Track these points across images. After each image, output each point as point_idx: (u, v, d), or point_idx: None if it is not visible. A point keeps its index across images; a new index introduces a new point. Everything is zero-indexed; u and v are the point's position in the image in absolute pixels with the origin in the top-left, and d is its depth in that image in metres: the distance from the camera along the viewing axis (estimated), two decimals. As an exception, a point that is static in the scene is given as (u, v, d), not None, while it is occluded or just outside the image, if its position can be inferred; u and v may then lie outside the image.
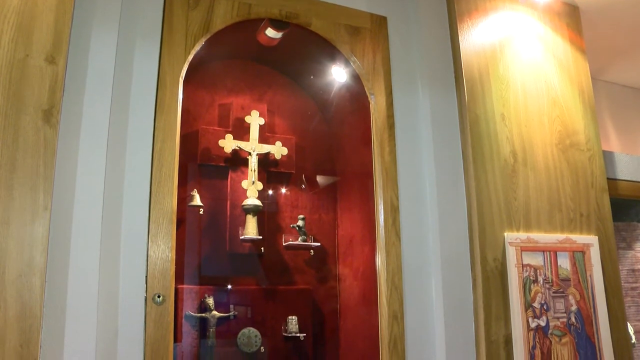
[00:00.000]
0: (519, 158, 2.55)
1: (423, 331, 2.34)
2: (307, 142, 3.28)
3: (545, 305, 2.38)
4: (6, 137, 1.69)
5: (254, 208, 2.90)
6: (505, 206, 2.45)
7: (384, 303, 2.31)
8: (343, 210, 3.19)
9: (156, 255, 1.93)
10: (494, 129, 2.54)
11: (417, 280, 2.38)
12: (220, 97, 3.14)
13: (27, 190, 1.68)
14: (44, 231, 1.68)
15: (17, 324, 1.61)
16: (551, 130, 2.67)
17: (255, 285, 3.02)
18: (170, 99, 2.11)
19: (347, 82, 3.01)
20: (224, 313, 2.84)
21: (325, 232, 3.20)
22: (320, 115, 3.38)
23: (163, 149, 2.03)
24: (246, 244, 2.96)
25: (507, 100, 2.61)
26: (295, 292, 3.08)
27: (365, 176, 2.59)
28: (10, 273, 1.63)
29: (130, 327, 1.88)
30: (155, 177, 2.00)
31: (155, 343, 1.89)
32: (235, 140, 3.01)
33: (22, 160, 1.69)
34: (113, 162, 1.94)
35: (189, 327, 2.78)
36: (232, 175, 3.02)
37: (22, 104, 1.73)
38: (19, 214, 1.66)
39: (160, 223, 1.96)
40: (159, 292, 1.92)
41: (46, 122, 1.74)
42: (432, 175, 2.47)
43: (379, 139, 2.48)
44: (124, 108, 2.02)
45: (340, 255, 3.18)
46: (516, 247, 2.39)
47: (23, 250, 1.65)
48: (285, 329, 2.97)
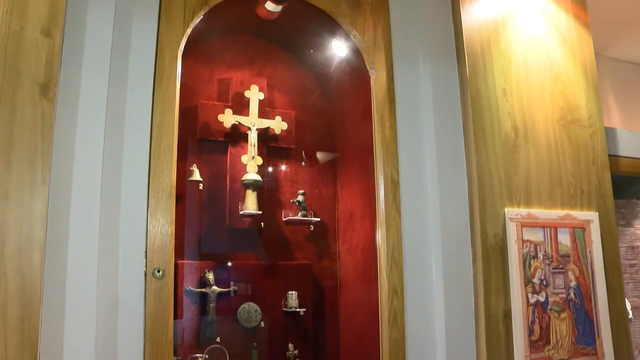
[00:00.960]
0: (520, 133, 2.53)
1: (423, 305, 2.35)
2: (307, 116, 3.26)
3: (545, 281, 2.39)
4: (3, 111, 1.67)
5: (253, 183, 2.90)
6: (506, 182, 2.44)
7: (384, 277, 2.32)
8: (343, 185, 3.19)
9: (155, 230, 1.93)
10: (495, 104, 2.51)
11: (417, 255, 2.38)
12: (220, 72, 3.11)
13: (25, 165, 1.67)
14: (42, 206, 1.68)
15: (17, 298, 1.62)
16: (553, 105, 2.65)
17: (255, 261, 3.03)
18: (168, 73, 2.09)
19: (347, 56, 2.99)
20: (224, 288, 2.86)
21: (326, 207, 3.20)
22: (320, 90, 3.36)
23: (162, 123, 2.02)
24: (246, 219, 2.97)
25: (509, 75, 2.59)
26: (295, 268, 3.09)
27: (365, 151, 2.58)
28: (10, 248, 1.63)
29: (130, 301, 1.88)
30: (155, 151, 1.98)
31: (156, 317, 1.89)
32: (234, 115, 2.99)
33: (19, 135, 1.68)
34: (111, 136, 1.92)
35: (189, 302, 2.79)
36: (232, 150, 3.01)
37: (18, 77, 1.71)
38: (17, 189, 1.65)
39: (159, 197, 1.95)
40: (159, 267, 1.92)
41: (43, 96, 1.73)
42: (432, 150, 2.46)
43: (380, 114, 2.46)
44: (122, 81, 2.00)
45: (340, 230, 3.19)
46: (516, 223, 2.38)
47: (22, 225, 1.65)
48: (285, 304, 2.98)
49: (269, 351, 2.95)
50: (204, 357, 2.73)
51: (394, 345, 2.26)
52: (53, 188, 1.74)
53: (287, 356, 2.96)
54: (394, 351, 2.25)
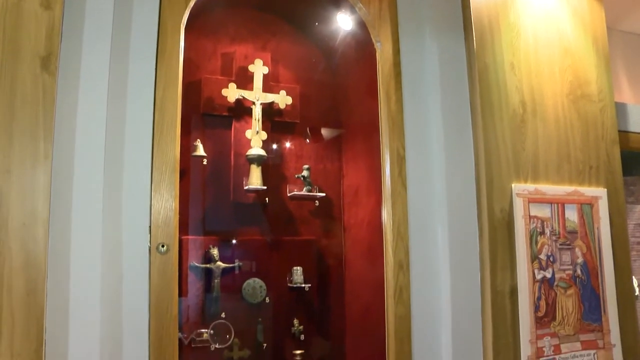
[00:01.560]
0: (528, 108, 2.50)
1: (429, 281, 2.35)
2: (312, 91, 3.24)
3: (552, 257, 2.38)
4: (4, 85, 1.66)
5: (258, 158, 2.89)
6: (514, 157, 2.42)
7: (389, 253, 2.31)
8: (348, 160, 3.18)
9: (159, 205, 1.93)
10: (503, 79, 2.48)
11: (423, 230, 2.38)
12: (223, 46, 3.09)
13: (27, 139, 1.66)
14: (45, 180, 1.67)
15: (22, 272, 1.62)
16: (562, 80, 2.62)
17: (260, 236, 3.03)
18: (171, 46, 2.07)
19: (352, 30, 2.96)
20: (228, 264, 2.87)
21: (331, 183, 3.20)
22: (325, 64, 3.33)
23: (165, 97, 2.00)
24: (250, 195, 2.96)
25: (517, 49, 2.55)
26: (300, 243, 3.10)
27: (371, 126, 2.57)
28: (14, 222, 1.63)
29: (135, 276, 1.89)
30: (158, 126, 1.97)
31: (160, 292, 1.90)
32: (238, 89, 2.97)
33: (21, 109, 1.67)
34: (114, 110, 1.91)
35: (193, 278, 2.81)
36: (236, 125, 2.99)
37: (18, 51, 1.69)
38: (19, 163, 1.64)
39: (163, 172, 1.95)
40: (163, 242, 1.92)
41: (44, 70, 1.71)
42: (439, 124, 2.43)
43: (385, 88, 2.44)
44: (124, 55, 1.98)
45: (345, 205, 3.18)
46: (523, 199, 2.37)
47: (25, 199, 1.64)
48: (290, 280, 3.00)
49: (274, 327, 2.97)
50: (209, 333, 2.75)
51: (399, 321, 2.26)
52: (56, 162, 1.73)
53: (292, 332, 2.98)
54: (400, 326, 2.26)
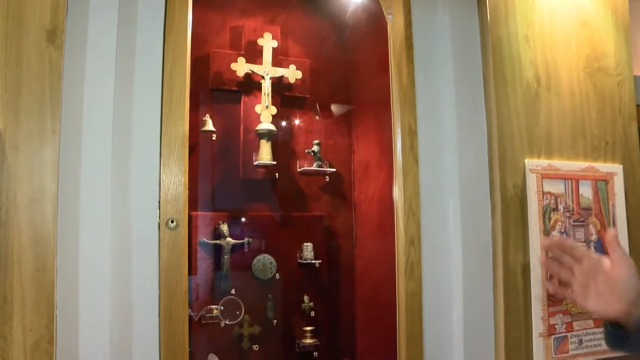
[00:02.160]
0: (542, 82, 2.46)
1: (440, 257, 2.34)
2: (322, 65, 3.21)
3: (565, 234, 2.36)
4: (9, 60, 1.64)
5: (267, 133, 2.88)
6: (527, 132, 2.38)
7: (400, 228, 2.30)
8: (359, 135, 3.16)
9: (169, 180, 1.92)
10: (517, 51, 2.44)
11: (435, 205, 2.36)
12: (232, 19, 3.06)
13: (34, 114, 1.65)
14: (53, 156, 1.67)
15: (32, 249, 1.63)
16: (578, 53, 2.56)
17: (270, 212, 3.03)
18: (179, 20, 2.04)
19: (363, 2, 2.91)
20: (238, 240, 2.87)
21: (341, 158, 3.18)
22: (335, 38, 3.29)
23: (173, 71, 1.98)
24: (260, 170, 2.96)
25: (532, 21, 2.49)
26: (310, 219, 3.10)
27: (382, 100, 2.54)
28: (22, 199, 1.63)
29: (144, 252, 1.89)
30: (166, 100, 1.95)
31: (170, 268, 1.90)
32: (247, 63, 2.95)
33: (27, 84, 1.65)
34: (122, 84, 1.89)
35: (203, 254, 2.82)
36: (245, 100, 2.98)
37: (23, 25, 1.67)
38: (27, 139, 1.64)
39: (172, 147, 1.93)
40: (172, 217, 1.92)
41: (50, 43, 1.70)
42: (451, 98, 2.40)
43: (397, 61, 2.40)
44: (131, 28, 1.96)
45: (356, 180, 3.17)
46: (537, 174, 2.35)
47: (33, 176, 1.64)
48: (300, 256, 3.00)
49: (284, 303, 2.98)
50: (219, 309, 2.77)
51: (410, 297, 2.26)
52: (63, 137, 1.72)
53: (302, 308, 2.99)
54: (411, 303, 2.26)
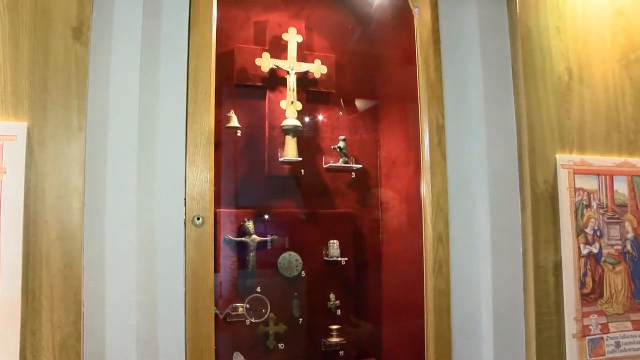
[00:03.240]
0: (574, 75, 2.42)
1: (469, 254, 2.32)
2: (348, 60, 3.20)
3: (599, 232, 2.32)
4: (36, 57, 1.67)
5: (293, 129, 2.88)
6: (558, 126, 2.35)
7: (428, 225, 2.29)
8: (385, 130, 3.15)
9: (194, 177, 1.93)
10: (547, 44, 2.40)
11: (464, 202, 2.34)
12: (256, 14, 3.06)
13: (60, 111, 1.68)
14: (79, 152, 1.69)
15: (59, 244, 1.66)
16: (613, 44, 2.51)
17: (296, 209, 3.04)
18: (204, 15, 2.05)
19: (389, -5, 2.90)
20: (263, 237, 2.88)
21: (367, 154, 3.17)
22: (361, 32, 3.28)
23: (198, 66, 1.99)
24: (285, 166, 2.96)
25: (564, 12, 2.45)
26: (336, 216, 3.10)
27: (408, 94, 2.52)
28: (49, 195, 1.66)
29: (171, 249, 1.91)
30: (192, 95, 1.96)
31: (196, 265, 1.92)
32: (272, 58, 2.95)
33: (53, 80, 1.68)
34: (147, 81, 1.90)
35: (228, 251, 2.83)
36: (270, 95, 2.98)
37: (50, 22, 1.70)
38: (53, 135, 1.67)
39: (197, 143, 1.95)
40: (198, 214, 1.93)
41: (76, 40, 1.72)
42: (480, 92, 2.38)
43: (424, 55, 2.39)
44: (156, 23, 1.97)
45: (382, 177, 3.16)
46: (569, 170, 2.31)
47: (60, 172, 1.67)
48: (326, 253, 3.00)
49: (309, 301, 2.99)
50: (244, 307, 2.78)
51: (438, 295, 2.25)
52: (89, 134, 1.74)
53: (328, 306, 3.00)
54: (439, 301, 2.25)
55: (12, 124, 1.62)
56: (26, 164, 1.62)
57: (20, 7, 1.67)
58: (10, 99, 1.63)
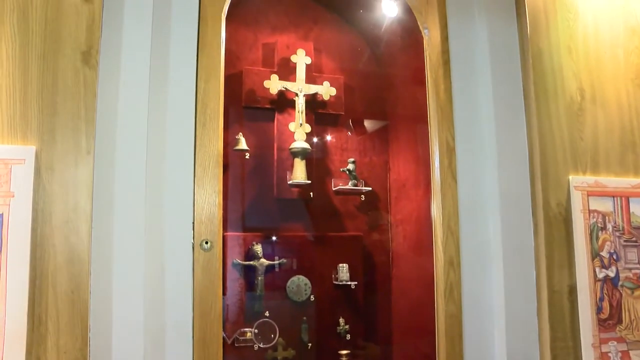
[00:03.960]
0: (586, 95, 2.42)
1: (481, 278, 2.30)
2: (357, 81, 3.21)
3: (615, 255, 2.29)
4: (45, 80, 1.69)
5: (302, 151, 2.88)
6: (571, 147, 2.34)
7: (439, 248, 2.28)
8: (395, 152, 3.15)
9: (203, 200, 1.94)
10: (559, 64, 2.40)
11: (475, 224, 2.33)
12: (264, 36, 3.09)
13: (69, 134, 1.69)
14: (88, 175, 1.70)
15: (66, 269, 1.66)
16: (627, 63, 2.51)
17: (304, 232, 3.03)
18: (212, 37, 2.07)
19: (398, 16, 2.92)
20: (272, 261, 2.87)
21: (377, 176, 3.17)
22: (370, 53, 3.30)
23: (207, 89, 2.01)
24: (294, 189, 2.96)
25: (575, 32, 2.46)
26: (345, 239, 3.08)
27: (418, 116, 2.53)
28: (57, 219, 1.66)
29: (178, 273, 1.91)
30: (200, 119, 1.98)
31: (204, 290, 1.91)
32: (281, 80, 2.97)
33: (62, 104, 1.70)
34: (155, 104, 1.92)
35: (236, 275, 2.82)
36: (279, 118, 2.99)
37: (59, 45, 1.73)
38: (62, 159, 1.68)
39: (206, 166, 1.96)
40: (207, 238, 1.93)
41: (85, 64, 1.74)
42: (490, 114, 2.38)
43: (434, 76, 2.40)
44: (165, 47, 1.99)
45: (392, 199, 3.15)
46: (582, 192, 2.29)
47: (68, 195, 1.68)
48: (335, 277, 2.98)
49: (319, 326, 2.96)
50: (253, 332, 2.77)
51: (450, 320, 2.23)
52: (98, 158, 1.76)
53: (337, 331, 2.97)
54: (450, 326, 2.23)
55: (20, 148, 1.64)
56: (34, 188, 1.63)
57: (31, 31, 1.70)
58: (19, 122, 1.65)
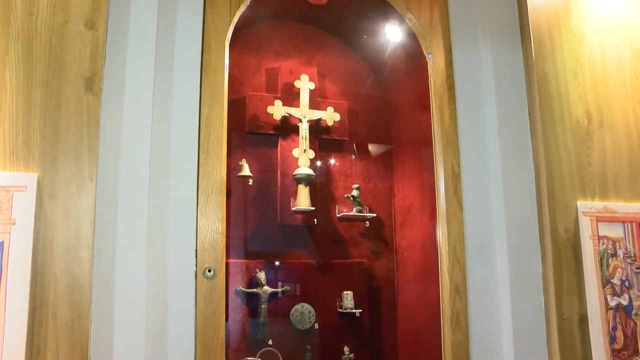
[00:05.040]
0: (594, 119, 2.43)
1: (487, 306, 2.29)
2: (361, 106, 3.24)
3: (627, 282, 2.28)
4: (48, 106, 1.71)
5: (305, 177, 2.89)
6: (578, 172, 2.35)
7: (445, 276, 2.28)
8: (400, 178, 3.15)
9: (206, 228, 1.95)
10: (565, 88, 2.42)
11: (481, 251, 2.33)
12: (268, 61, 3.12)
13: (71, 161, 1.71)
14: (90, 203, 1.71)
15: (67, 298, 1.66)
16: (634, 86, 2.52)
17: (308, 259, 3.02)
18: (216, 63, 2.10)
19: (402, 41, 2.95)
20: (275, 288, 2.86)
21: (381, 202, 3.17)
22: (374, 78, 3.32)
23: (210, 115, 2.03)
24: (298, 216, 2.97)
25: (581, 55, 2.48)
26: (350, 266, 3.08)
27: (423, 141, 2.54)
28: (59, 246, 1.67)
29: (181, 302, 1.91)
30: (203, 145, 2.00)
31: (207, 319, 1.91)
32: (284, 106, 2.99)
33: (65, 131, 1.71)
34: (159, 131, 1.94)
35: (239, 303, 2.81)
36: (282, 144, 3.01)
37: (63, 72, 1.75)
38: (64, 186, 1.69)
39: (209, 194, 1.97)
40: (210, 266, 1.94)
41: (88, 91, 1.76)
42: (496, 139, 2.39)
43: (438, 102, 2.42)
44: (168, 73, 2.02)
45: (397, 226, 3.16)
46: (591, 217, 2.29)
47: (70, 223, 1.68)
48: (340, 305, 2.97)
49: (323, 354, 2.95)
50: (256, 361, 2.75)
51: (456, 349, 2.22)
52: (100, 185, 1.77)
53: (342, 360, 2.96)
54: (457, 355, 2.21)
55: (22, 175, 1.65)
56: (35, 215, 1.64)
57: (35, 58, 1.72)
58: (22, 149, 1.66)
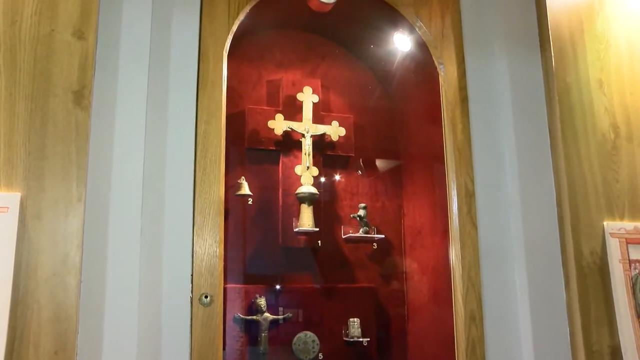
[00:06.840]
0: (621, 132, 2.41)
1: (506, 335, 2.27)
2: (367, 120, 3.22)
3: (663, 310, 2.24)
4: (34, 121, 1.69)
5: (309, 196, 2.87)
6: (605, 190, 2.31)
7: (459, 302, 2.26)
8: (410, 197, 3.14)
9: (202, 251, 1.93)
10: (588, 99, 2.40)
11: (498, 275, 2.31)
12: (269, 73, 3.11)
13: (59, 180, 1.68)
14: (78, 225, 1.68)
15: (51, 327, 1.62)
16: (665, 97, 2.50)
17: (312, 284, 3.00)
18: (213, 75, 2.09)
19: (411, 51, 2.94)
20: (277, 315, 2.83)
21: (390, 222, 3.15)
22: (381, 90, 3.31)
23: (207, 131, 2.02)
24: (301, 237, 2.94)
25: (607, 64, 2.46)
26: (357, 291, 3.05)
27: (434, 158, 2.53)
28: (44, 271, 1.64)
29: (175, 331, 1.88)
30: (200, 163, 1.99)
31: (203, 348, 1.89)
32: (286, 120, 2.97)
33: (52, 147, 1.69)
34: (152, 147, 1.93)
35: (237, 331, 2.78)
36: (284, 160, 2.99)
37: (49, 84, 1.73)
38: (51, 207, 1.66)
39: (206, 214, 1.95)
40: (207, 292, 1.92)
41: (77, 105, 1.74)
42: (513, 155, 2.38)
43: (450, 115, 2.41)
44: (163, 86, 2.01)
45: (407, 248, 3.13)
46: (620, 239, 2.25)
47: (57, 247, 1.66)
48: (346, 333, 2.94)
49: (328, 386, 2.91)
50: (256, 394, 2.72)
51: (473, 382, 2.18)
52: (89, 205, 1.74)
53: (349, 392, 2.92)
54: (474, 388, 2.18)
55: (3, 195, 1.62)
56: (18, 238, 1.61)
57: (19, 69, 1.70)
58: (4, 167, 1.64)
